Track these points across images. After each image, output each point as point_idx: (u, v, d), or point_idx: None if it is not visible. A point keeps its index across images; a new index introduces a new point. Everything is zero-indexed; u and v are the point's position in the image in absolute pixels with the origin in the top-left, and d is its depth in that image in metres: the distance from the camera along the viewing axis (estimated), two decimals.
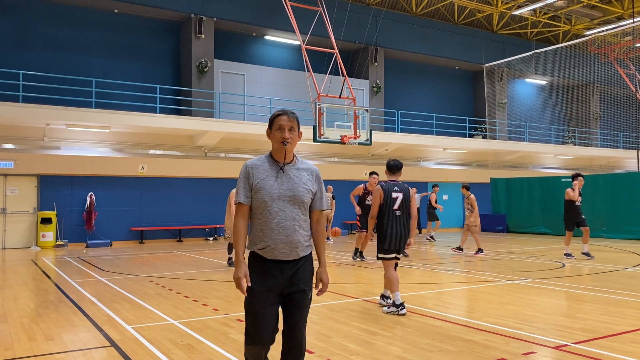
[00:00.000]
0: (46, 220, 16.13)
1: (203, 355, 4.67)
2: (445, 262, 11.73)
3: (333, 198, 19.40)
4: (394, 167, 6.89)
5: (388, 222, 6.45)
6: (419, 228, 22.20)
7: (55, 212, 16.36)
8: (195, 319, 6.12)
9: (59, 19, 18.53)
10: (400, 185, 6.71)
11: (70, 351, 4.86)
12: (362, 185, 11.88)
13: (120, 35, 19.57)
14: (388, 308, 6.34)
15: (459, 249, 13.46)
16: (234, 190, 12.77)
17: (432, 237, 17.82)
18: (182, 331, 5.52)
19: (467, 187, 13.62)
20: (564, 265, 10.83)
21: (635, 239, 17.43)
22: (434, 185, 18.66)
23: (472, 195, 13.39)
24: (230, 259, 11.41)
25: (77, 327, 5.82)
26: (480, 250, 13.13)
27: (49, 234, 16.15)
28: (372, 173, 11.33)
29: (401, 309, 6.21)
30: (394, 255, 6.49)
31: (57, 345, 5.05)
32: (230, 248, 11.52)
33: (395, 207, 6.51)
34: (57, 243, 16.35)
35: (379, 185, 6.74)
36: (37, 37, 18.11)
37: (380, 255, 6.56)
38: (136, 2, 18.77)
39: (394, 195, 6.58)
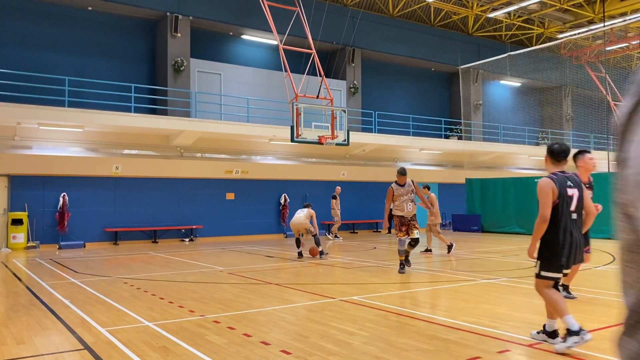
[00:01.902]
0: (17, 222, 15.78)
1: (179, 357, 4.62)
2: (422, 262, 11.83)
3: (333, 198, 19.47)
4: (560, 153, 4.88)
5: (566, 228, 4.74)
6: None
7: (26, 213, 16.02)
8: (170, 320, 6.05)
9: (31, 15, 18.15)
10: (571, 178, 4.86)
11: (42, 355, 4.76)
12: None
13: (94, 33, 19.26)
14: (564, 342, 4.62)
15: (428, 250, 13.49)
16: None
17: None
18: (158, 333, 5.45)
19: (427, 187, 14.07)
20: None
21: (606, 238, 17.82)
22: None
23: (433, 195, 13.72)
24: (321, 252, 12.57)
25: (49, 330, 5.70)
26: (450, 246, 13.21)
27: (20, 236, 15.79)
28: (582, 152, 7.22)
29: (585, 334, 4.57)
30: (561, 274, 4.93)
31: (28, 349, 4.95)
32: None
33: (572, 207, 4.79)
34: (28, 245, 16.00)
35: (547, 179, 4.80)
36: (8, 34, 17.71)
37: (544, 273, 4.96)
38: (110, 0, 18.50)
39: (570, 192, 4.78)
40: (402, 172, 9.82)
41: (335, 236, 19.50)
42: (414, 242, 9.75)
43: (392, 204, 9.83)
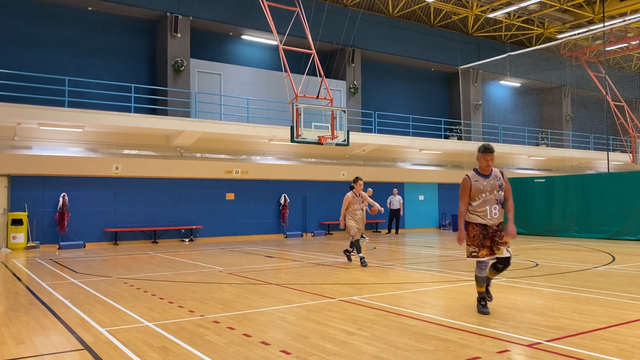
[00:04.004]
0: (17, 222, 15.78)
1: (178, 357, 4.62)
2: (421, 262, 11.83)
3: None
4: None
5: None
6: (397, 228, 22.34)
7: (26, 213, 16.02)
8: (170, 320, 6.06)
9: (31, 15, 18.16)
10: None
11: (42, 355, 4.76)
12: None
13: (94, 33, 19.27)
14: None
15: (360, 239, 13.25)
16: None
17: None
18: (157, 333, 5.45)
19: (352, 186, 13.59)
20: (537, 265, 11.02)
21: (606, 238, 17.83)
22: None
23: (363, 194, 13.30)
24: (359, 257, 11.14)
25: (49, 330, 5.70)
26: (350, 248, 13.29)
27: (19, 236, 15.80)
28: None
29: None
30: None
31: (28, 349, 4.95)
32: None
33: None
34: (28, 245, 16.01)
35: None
36: (8, 34, 17.71)
37: None
38: (110, 0, 18.49)
39: None
40: (487, 149, 6.15)
41: (362, 236, 19.23)
42: (503, 264, 6.25)
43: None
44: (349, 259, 11.75)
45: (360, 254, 11.10)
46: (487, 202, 6.17)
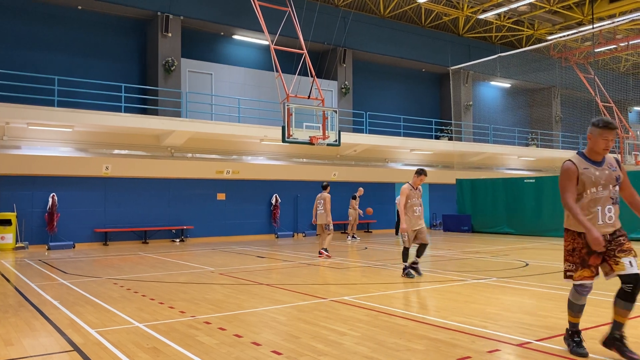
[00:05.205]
0: (5, 222, 15.65)
1: (169, 358, 4.60)
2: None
3: (353, 198, 19.51)
4: None
5: None
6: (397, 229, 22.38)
7: (15, 214, 15.89)
8: (161, 321, 6.03)
9: (20, 14, 18.01)
10: None
11: (31, 356, 4.73)
12: None
13: (84, 32, 19.14)
14: None
15: (325, 250, 12.99)
16: None
17: None
18: (148, 334, 5.43)
19: (326, 186, 13.57)
20: (527, 265, 11.09)
21: None
22: None
23: (327, 195, 13.17)
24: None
25: (38, 331, 5.66)
26: (325, 249, 12.98)
27: (8, 236, 15.66)
28: None
29: None
30: None
31: (16, 351, 4.91)
32: None
33: None
34: (17, 245, 15.87)
35: None
36: None
37: None
38: None
39: None
40: (609, 124, 4.44)
41: (353, 236, 19.27)
42: (632, 283, 4.40)
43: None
44: (416, 272, 9.38)
45: (406, 263, 9.34)
46: (599, 202, 4.40)
